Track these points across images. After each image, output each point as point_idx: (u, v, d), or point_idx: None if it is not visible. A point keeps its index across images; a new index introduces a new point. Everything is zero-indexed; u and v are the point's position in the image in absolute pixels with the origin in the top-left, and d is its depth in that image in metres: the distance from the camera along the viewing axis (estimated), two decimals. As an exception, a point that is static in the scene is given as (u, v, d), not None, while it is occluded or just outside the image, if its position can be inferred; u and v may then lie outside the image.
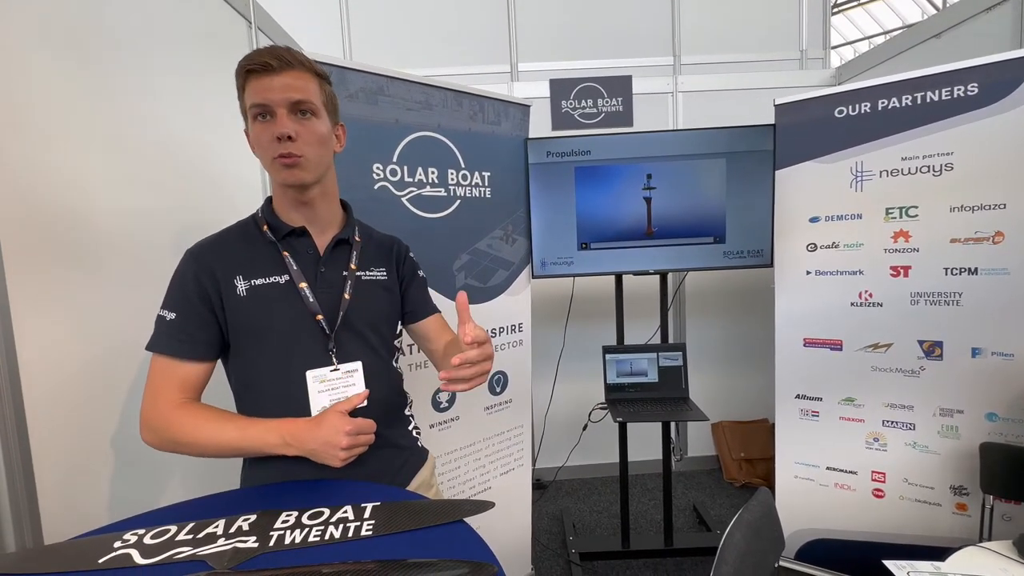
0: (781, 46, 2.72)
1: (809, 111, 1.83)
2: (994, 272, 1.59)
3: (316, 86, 0.81)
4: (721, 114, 2.58)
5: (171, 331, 0.79)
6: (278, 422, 0.80)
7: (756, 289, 2.62)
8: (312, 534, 0.67)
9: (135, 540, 0.67)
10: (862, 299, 1.80)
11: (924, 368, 1.72)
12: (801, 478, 1.94)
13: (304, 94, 0.79)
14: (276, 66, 0.76)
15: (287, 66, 0.77)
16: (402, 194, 1.45)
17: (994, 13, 1.81)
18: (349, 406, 0.82)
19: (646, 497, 2.57)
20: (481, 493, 1.75)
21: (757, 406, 2.74)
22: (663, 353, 1.94)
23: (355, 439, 0.79)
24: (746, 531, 1.12)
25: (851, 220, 1.80)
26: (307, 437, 0.78)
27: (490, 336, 0.87)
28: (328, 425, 0.78)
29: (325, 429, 0.78)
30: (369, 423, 0.82)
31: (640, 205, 1.82)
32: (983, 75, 1.57)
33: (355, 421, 0.79)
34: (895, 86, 1.70)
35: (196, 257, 0.82)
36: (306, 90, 0.79)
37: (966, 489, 1.67)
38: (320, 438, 0.77)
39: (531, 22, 2.64)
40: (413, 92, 1.43)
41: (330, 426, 0.78)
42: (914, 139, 1.69)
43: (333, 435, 0.77)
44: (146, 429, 0.79)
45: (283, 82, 0.77)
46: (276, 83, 0.77)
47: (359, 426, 0.79)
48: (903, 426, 1.77)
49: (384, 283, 0.95)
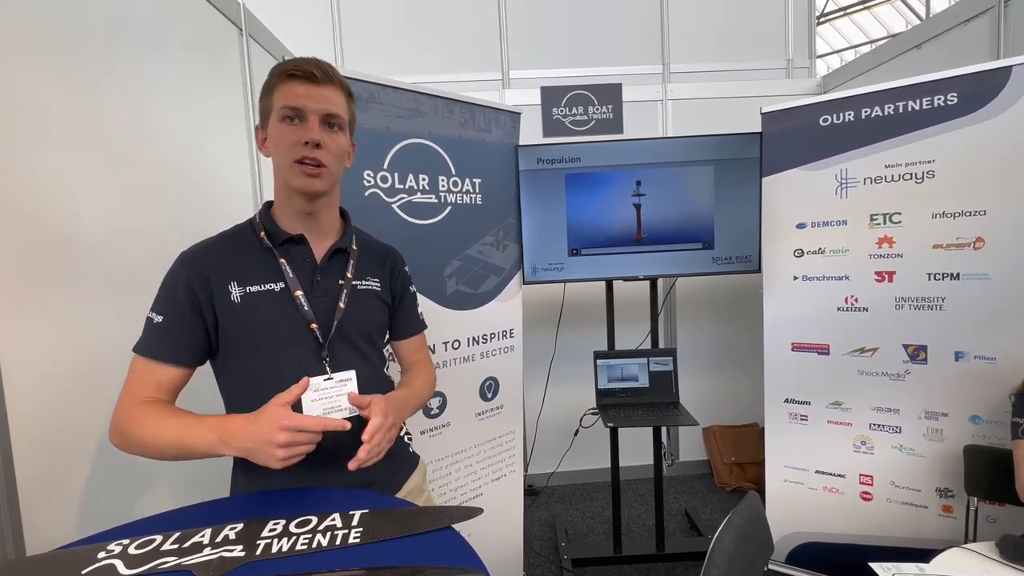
0: (768, 55, 2.76)
1: (795, 119, 1.86)
2: (976, 277, 1.63)
3: (346, 104, 0.84)
4: (710, 122, 2.61)
5: (156, 334, 0.79)
6: (219, 419, 0.75)
7: (744, 294, 2.65)
8: (299, 542, 0.67)
9: (119, 550, 0.66)
10: (848, 304, 1.83)
11: (909, 372, 1.74)
12: (791, 482, 1.95)
13: (338, 109, 0.82)
14: (319, 78, 0.79)
15: (328, 81, 0.81)
16: (393, 201, 1.45)
17: (972, 25, 1.86)
18: (291, 397, 0.72)
19: (638, 502, 2.57)
20: (473, 499, 1.74)
21: (747, 410, 2.76)
22: (654, 358, 1.96)
23: (294, 436, 0.69)
24: (735, 535, 1.12)
25: (837, 226, 1.83)
26: (242, 434, 0.71)
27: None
28: (264, 421, 0.70)
29: (260, 424, 0.70)
30: (314, 421, 0.72)
31: (630, 212, 1.83)
32: (962, 85, 1.61)
33: (296, 417, 0.71)
34: (878, 95, 1.74)
35: (189, 262, 0.82)
36: (339, 105, 0.82)
37: (951, 491, 1.70)
38: (255, 435, 0.70)
39: (522, 30, 2.67)
40: (404, 99, 1.44)
41: (266, 420, 0.70)
42: (897, 147, 1.72)
43: (268, 430, 0.69)
44: (112, 430, 0.77)
45: (323, 94, 0.80)
46: (316, 94, 0.79)
47: (300, 423, 0.70)
48: (889, 429, 1.79)
49: (378, 293, 0.95)
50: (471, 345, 1.69)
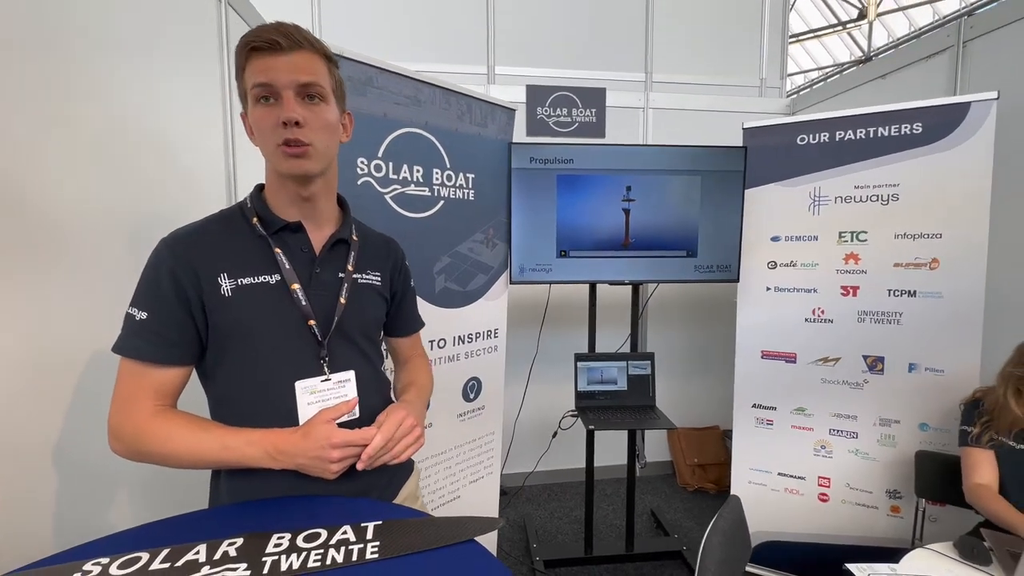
0: (743, 72, 2.87)
1: (774, 136, 1.94)
2: (930, 295, 1.76)
3: (325, 69, 0.74)
4: (687, 132, 2.69)
5: (142, 333, 0.70)
6: (261, 434, 0.73)
7: (718, 302, 2.74)
8: (312, 559, 0.61)
9: (99, 571, 0.58)
10: (815, 315, 1.93)
11: (867, 381, 1.86)
12: (755, 483, 2.04)
13: (313, 76, 0.71)
14: (284, 45, 0.69)
15: (296, 45, 0.70)
16: (386, 191, 1.39)
17: (933, 62, 2.01)
18: (336, 414, 0.75)
19: (605, 502, 2.61)
20: (450, 502, 1.70)
21: (711, 414, 2.86)
22: (632, 361, 1.98)
23: (344, 452, 0.73)
24: (722, 538, 1.16)
25: (808, 241, 1.93)
26: (294, 451, 0.71)
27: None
28: (315, 438, 0.71)
29: (313, 442, 0.71)
30: (362, 435, 0.74)
31: (619, 216, 1.85)
32: (926, 116, 1.74)
33: (344, 434, 0.73)
34: (850, 120, 1.84)
35: (173, 249, 0.72)
36: (315, 72, 0.72)
37: (900, 493, 1.83)
38: (309, 452, 0.71)
39: (509, 26, 2.63)
40: (403, 86, 1.37)
41: (317, 440, 0.71)
42: (865, 170, 1.83)
43: (320, 449, 0.71)
44: (114, 439, 0.70)
45: (291, 62, 0.70)
46: (283, 63, 0.69)
47: (348, 439, 0.72)
48: (847, 434, 1.91)
49: (378, 288, 0.90)
50: (456, 344, 1.65)
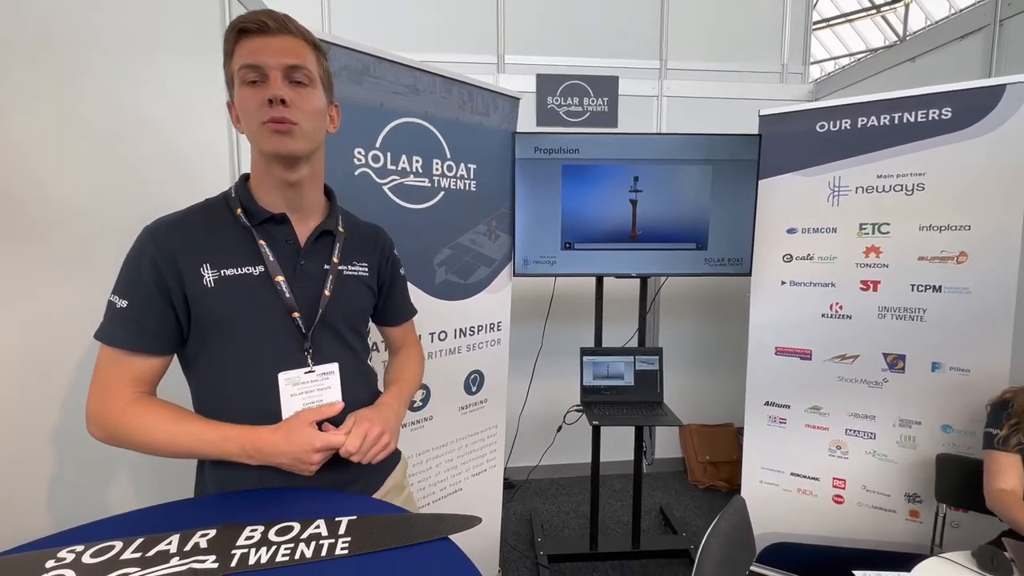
0: (763, 59, 2.76)
1: (792, 124, 1.86)
2: (956, 291, 1.66)
3: (313, 57, 0.74)
4: (703, 121, 2.61)
5: (122, 321, 0.70)
6: (238, 430, 0.72)
7: (730, 296, 2.66)
8: (280, 553, 0.60)
9: (72, 559, 0.58)
10: (832, 311, 1.85)
11: (887, 380, 1.78)
12: (766, 483, 1.98)
13: (301, 59, 0.72)
14: (273, 27, 0.70)
15: (284, 30, 0.71)
16: (384, 182, 1.37)
17: (967, 41, 1.89)
18: (318, 417, 0.76)
19: (613, 498, 2.58)
20: (451, 495, 1.70)
21: (723, 410, 2.79)
22: (640, 356, 1.94)
23: (325, 454, 0.74)
24: (723, 541, 1.12)
25: (826, 233, 1.85)
26: (274, 451, 0.72)
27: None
28: (297, 442, 0.72)
29: (294, 445, 0.71)
30: (340, 438, 0.75)
31: (626, 207, 1.80)
32: (957, 100, 1.63)
33: (325, 437, 0.73)
34: (874, 105, 1.74)
35: (155, 238, 0.72)
36: (303, 57, 0.72)
37: (919, 497, 1.75)
38: (288, 454, 0.72)
39: (519, 15, 2.58)
40: (401, 75, 1.35)
41: (299, 444, 0.71)
42: (889, 158, 1.74)
43: (301, 451, 0.71)
44: (93, 425, 0.71)
45: (279, 44, 0.70)
46: (271, 45, 0.70)
47: (329, 441, 0.73)
48: (864, 435, 1.83)
49: (365, 279, 0.89)
50: (458, 337, 1.64)
